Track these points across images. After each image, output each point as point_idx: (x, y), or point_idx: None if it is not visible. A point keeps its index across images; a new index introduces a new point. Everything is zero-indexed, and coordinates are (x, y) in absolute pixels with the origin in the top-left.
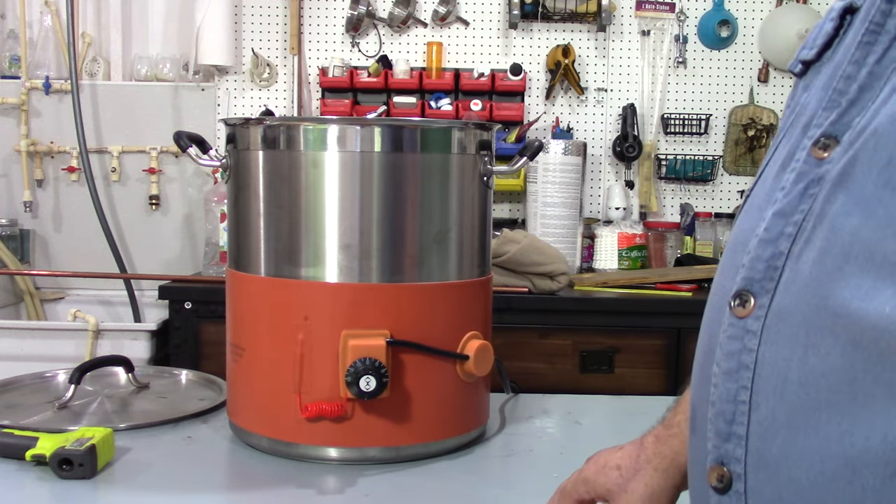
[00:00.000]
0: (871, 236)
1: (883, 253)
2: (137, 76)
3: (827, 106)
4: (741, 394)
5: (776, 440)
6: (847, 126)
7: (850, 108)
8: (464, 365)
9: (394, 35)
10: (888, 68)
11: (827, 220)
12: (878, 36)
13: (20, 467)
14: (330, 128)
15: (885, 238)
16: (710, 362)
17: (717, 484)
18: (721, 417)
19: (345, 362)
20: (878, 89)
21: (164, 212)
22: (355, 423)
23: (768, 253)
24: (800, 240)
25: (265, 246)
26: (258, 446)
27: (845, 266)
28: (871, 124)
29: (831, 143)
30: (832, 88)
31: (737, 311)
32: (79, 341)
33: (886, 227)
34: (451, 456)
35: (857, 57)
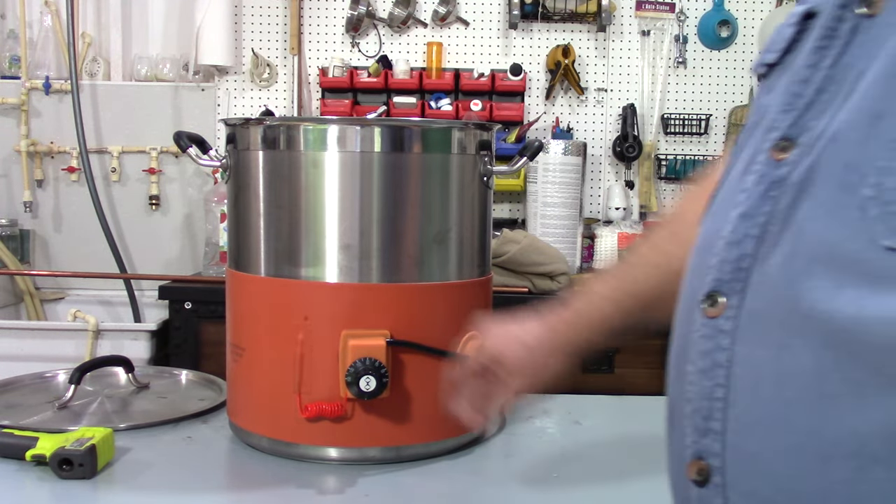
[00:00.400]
0: (834, 239)
1: (846, 255)
2: (137, 76)
3: (785, 109)
4: (717, 391)
5: (753, 436)
6: (804, 129)
7: (806, 111)
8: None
9: (394, 35)
10: (843, 72)
11: (793, 225)
12: (832, 41)
13: (20, 467)
14: (330, 128)
15: (847, 240)
16: (684, 361)
17: (696, 478)
18: (698, 414)
19: (345, 362)
20: (835, 93)
21: (164, 212)
22: (355, 423)
23: (735, 254)
24: (765, 241)
25: (265, 246)
26: (258, 446)
27: (812, 268)
28: (829, 129)
29: (789, 146)
30: (790, 92)
31: (708, 312)
32: (79, 341)
33: (847, 229)
34: (451, 456)
35: (813, 61)
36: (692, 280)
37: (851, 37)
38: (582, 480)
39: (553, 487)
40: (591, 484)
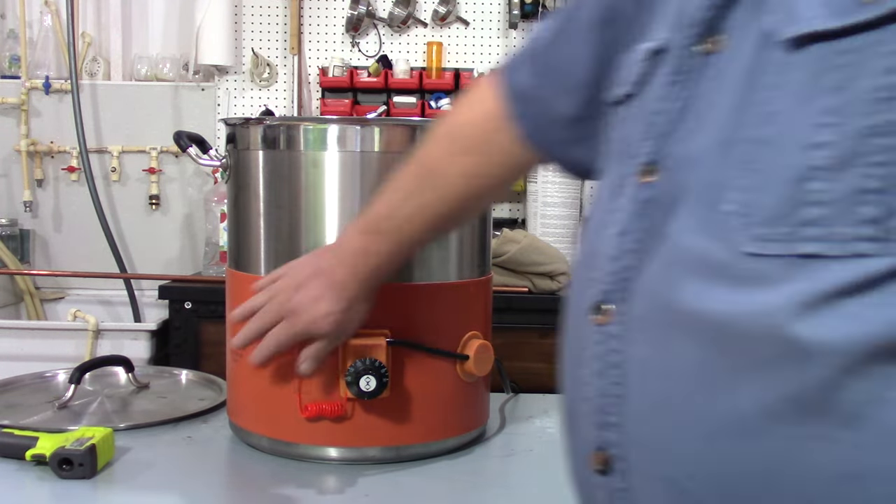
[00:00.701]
0: (703, 248)
1: (714, 261)
2: (137, 76)
3: (646, 137)
4: (612, 388)
5: (647, 423)
6: (666, 155)
7: (666, 138)
8: (464, 365)
9: (394, 35)
10: (695, 103)
11: (667, 238)
12: (681, 76)
13: (20, 467)
14: (330, 128)
15: (714, 249)
16: (579, 365)
17: (599, 467)
18: (596, 411)
19: (345, 362)
20: (690, 122)
21: (164, 212)
22: (355, 423)
23: (616, 267)
24: (642, 254)
25: (265, 246)
26: (258, 446)
27: (686, 274)
28: (689, 154)
29: (654, 170)
30: (649, 122)
31: (597, 320)
32: (79, 341)
33: (714, 239)
34: (451, 456)
35: (668, 94)
36: (579, 292)
37: (699, 72)
38: None
39: (553, 487)
40: None
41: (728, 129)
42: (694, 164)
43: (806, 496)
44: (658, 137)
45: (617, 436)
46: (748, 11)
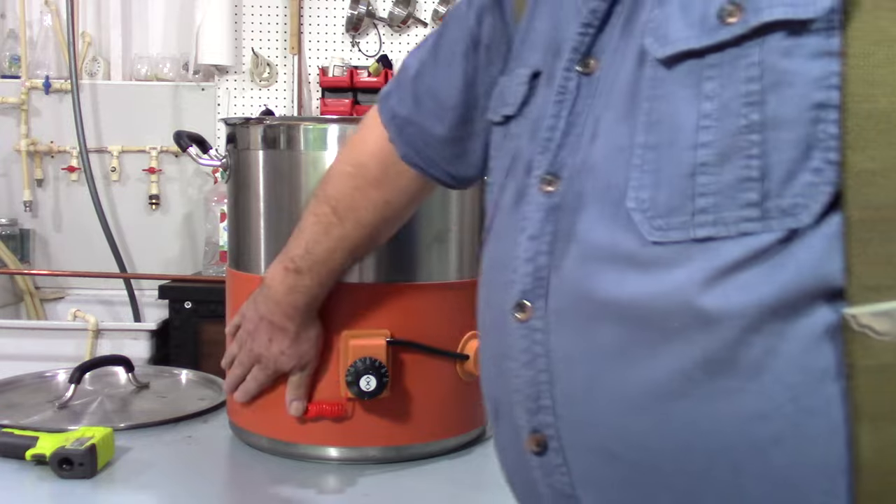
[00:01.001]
0: (612, 242)
1: (623, 252)
2: (137, 76)
3: (541, 151)
4: (541, 376)
5: (577, 402)
6: (562, 164)
7: (559, 151)
8: (464, 365)
9: (394, 35)
10: (580, 118)
11: (576, 237)
12: (566, 95)
13: (20, 467)
14: (330, 127)
15: (622, 241)
16: (505, 360)
17: (535, 448)
18: (528, 399)
19: (345, 362)
20: (579, 135)
21: (164, 212)
22: (355, 423)
23: (531, 268)
24: (555, 254)
25: (265, 246)
26: (258, 446)
27: (599, 267)
28: (585, 162)
29: (554, 179)
30: (541, 137)
31: (520, 317)
32: (79, 341)
33: (621, 233)
34: (451, 456)
35: (554, 112)
36: (496, 294)
37: (578, 92)
38: None
39: None
40: None
41: (620, 137)
42: (592, 171)
43: (722, 440)
44: (554, 151)
45: (550, 418)
46: (618, 36)
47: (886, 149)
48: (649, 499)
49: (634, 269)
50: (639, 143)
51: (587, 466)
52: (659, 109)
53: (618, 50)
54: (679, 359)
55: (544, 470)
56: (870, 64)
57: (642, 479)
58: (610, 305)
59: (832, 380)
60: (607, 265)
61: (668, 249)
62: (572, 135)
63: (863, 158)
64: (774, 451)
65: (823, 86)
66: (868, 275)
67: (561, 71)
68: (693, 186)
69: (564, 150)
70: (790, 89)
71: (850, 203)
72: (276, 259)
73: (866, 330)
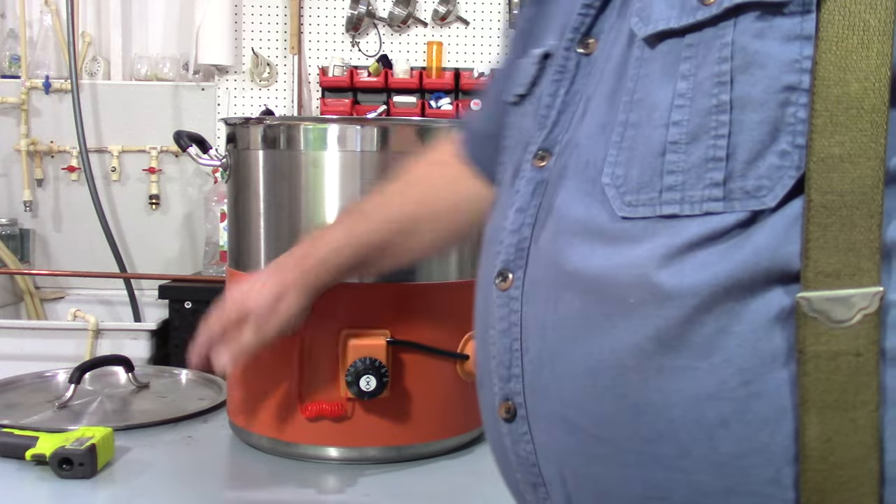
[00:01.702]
0: (585, 216)
1: (595, 227)
2: (137, 76)
3: (539, 128)
4: (514, 344)
5: (543, 371)
6: (555, 142)
7: (553, 128)
8: (464, 365)
9: (394, 34)
10: (574, 98)
11: (554, 210)
12: (564, 74)
13: (20, 467)
14: (330, 127)
15: (594, 216)
16: (487, 327)
17: (505, 416)
18: (502, 366)
19: (345, 362)
20: (572, 113)
21: (164, 211)
22: (355, 423)
23: (516, 239)
24: (537, 227)
25: (265, 245)
26: (258, 446)
27: (571, 240)
28: (573, 139)
29: (546, 155)
30: (540, 115)
31: (500, 286)
32: (79, 341)
33: (594, 208)
34: (451, 456)
35: (553, 90)
36: (485, 264)
37: (576, 71)
38: None
39: None
40: None
41: (604, 115)
42: (576, 148)
43: (671, 417)
44: (549, 128)
45: (519, 386)
46: (615, 17)
47: (856, 134)
48: (605, 472)
49: (603, 242)
50: (619, 121)
51: (548, 435)
52: (641, 89)
53: (612, 30)
54: (634, 333)
55: (512, 437)
56: (843, 48)
57: (598, 452)
58: (577, 277)
59: (782, 364)
60: (579, 238)
61: (635, 225)
62: (567, 113)
63: (830, 143)
64: (721, 433)
65: (795, 69)
66: (825, 260)
67: (561, 50)
68: (663, 164)
69: (558, 128)
70: (761, 71)
71: (813, 187)
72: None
73: (819, 316)
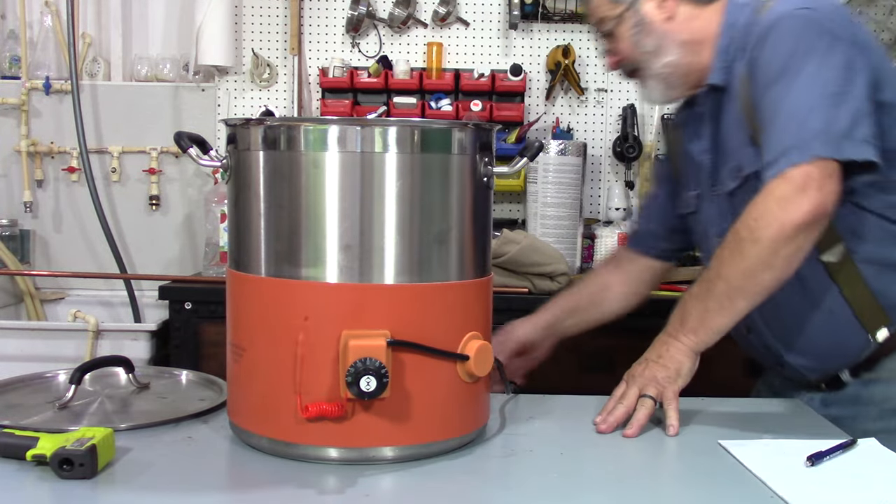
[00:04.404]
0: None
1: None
2: (137, 76)
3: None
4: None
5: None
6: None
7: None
8: (464, 365)
9: (394, 35)
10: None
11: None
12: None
13: (20, 467)
14: (330, 128)
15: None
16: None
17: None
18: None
19: (345, 362)
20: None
21: (164, 212)
22: (355, 423)
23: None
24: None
25: (266, 246)
26: (258, 446)
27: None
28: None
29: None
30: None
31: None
32: (79, 342)
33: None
34: (451, 456)
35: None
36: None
37: (709, 202)
38: (582, 481)
39: (553, 487)
40: (590, 484)
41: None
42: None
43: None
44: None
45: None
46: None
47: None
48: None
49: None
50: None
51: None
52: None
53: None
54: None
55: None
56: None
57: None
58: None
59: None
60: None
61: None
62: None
63: None
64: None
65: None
66: None
67: (707, 191)
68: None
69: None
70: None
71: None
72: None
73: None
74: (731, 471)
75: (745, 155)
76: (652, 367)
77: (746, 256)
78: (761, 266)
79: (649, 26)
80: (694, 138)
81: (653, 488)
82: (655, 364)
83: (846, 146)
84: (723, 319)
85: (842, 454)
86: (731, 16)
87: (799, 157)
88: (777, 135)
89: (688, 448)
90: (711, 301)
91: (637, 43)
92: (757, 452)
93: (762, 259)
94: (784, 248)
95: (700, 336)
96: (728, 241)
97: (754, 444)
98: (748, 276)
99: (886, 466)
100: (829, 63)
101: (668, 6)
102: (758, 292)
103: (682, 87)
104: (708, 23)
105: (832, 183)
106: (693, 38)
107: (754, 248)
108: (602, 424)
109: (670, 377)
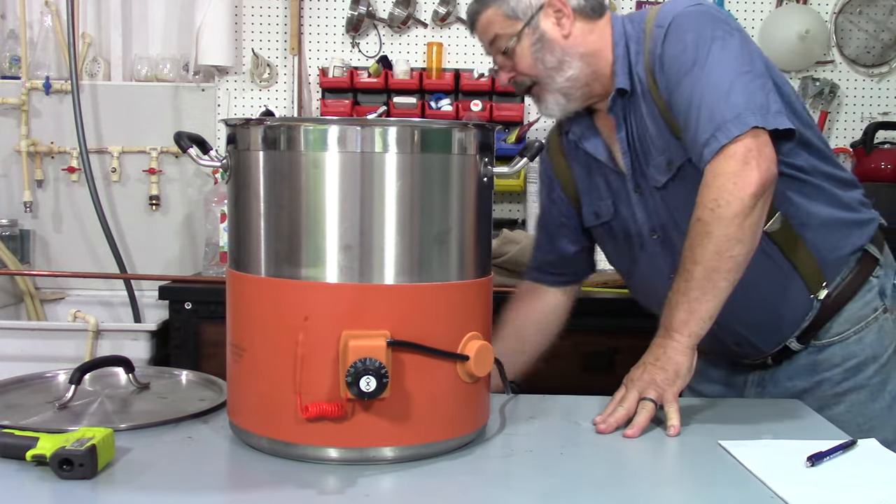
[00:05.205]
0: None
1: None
2: (137, 76)
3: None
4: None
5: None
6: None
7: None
8: (464, 365)
9: (394, 35)
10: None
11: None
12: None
13: (21, 467)
14: (330, 128)
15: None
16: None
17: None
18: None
19: (345, 363)
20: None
21: (164, 212)
22: (355, 423)
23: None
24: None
25: (265, 246)
26: (258, 446)
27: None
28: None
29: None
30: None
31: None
32: (79, 342)
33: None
34: (451, 456)
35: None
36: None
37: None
38: (582, 481)
39: (553, 487)
40: (590, 484)
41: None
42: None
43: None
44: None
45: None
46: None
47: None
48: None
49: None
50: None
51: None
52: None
53: (641, 178)
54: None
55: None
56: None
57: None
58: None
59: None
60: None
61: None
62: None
63: None
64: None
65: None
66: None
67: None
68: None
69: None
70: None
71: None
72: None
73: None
74: (731, 471)
75: (673, 148)
76: (651, 371)
77: (715, 237)
78: (731, 241)
79: (550, 43)
80: (601, 148)
81: (653, 488)
82: (654, 367)
83: (769, 118)
84: (709, 303)
85: (842, 454)
86: (619, 26)
87: (737, 129)
88: (705, 116)
89: (688, 448)
90: (693, 289)
91: (539, 59)
92: (757, 453)
93: (730, 235)
94: (747, 219)
95: (692, 327)
96: (693, 230)
97: (754, 444)
98: (721, 254)
99: (886, 467)
100: (731, 46)
101: (566, 24)
102: (733, 268)
103: (580, 100)
104: (601, 35)
105: (769, 149)
106: (591, 51)
107: (720, 226)
108: (602, 425)
109: (669, 379)
